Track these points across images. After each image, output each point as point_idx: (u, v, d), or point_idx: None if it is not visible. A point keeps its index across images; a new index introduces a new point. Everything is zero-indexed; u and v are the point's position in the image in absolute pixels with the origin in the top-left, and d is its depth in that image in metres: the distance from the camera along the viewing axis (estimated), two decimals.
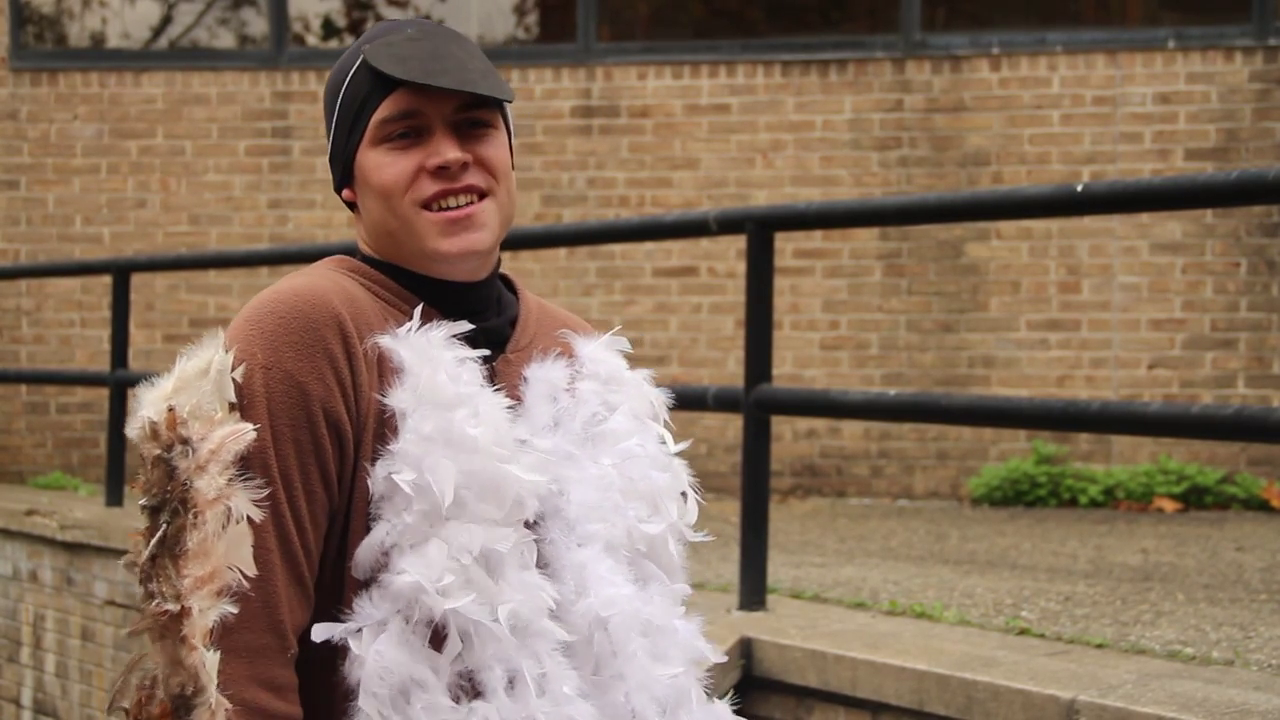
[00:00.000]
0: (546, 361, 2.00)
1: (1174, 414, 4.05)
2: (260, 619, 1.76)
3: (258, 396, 1.80)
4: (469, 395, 1.85)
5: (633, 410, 2.03)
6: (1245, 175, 3.82)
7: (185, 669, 1.72)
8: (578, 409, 1.99)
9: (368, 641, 1.78)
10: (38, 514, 7.70)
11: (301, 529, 1.80)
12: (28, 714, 7.79)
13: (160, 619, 1.74)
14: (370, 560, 1.81)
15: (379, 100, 1.92)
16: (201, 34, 10.09)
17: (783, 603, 4.96)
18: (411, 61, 1.90)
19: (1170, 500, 8.28)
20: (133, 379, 8.23)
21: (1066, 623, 4.66)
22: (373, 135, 1.93)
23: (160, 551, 1.75)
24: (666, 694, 1.92)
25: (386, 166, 1.92)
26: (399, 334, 1.87)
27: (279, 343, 1.82)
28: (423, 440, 1.82)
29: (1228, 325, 8.77)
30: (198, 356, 1.82)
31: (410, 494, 1.80)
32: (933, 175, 9.07)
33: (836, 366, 9.09)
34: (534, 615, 1.83)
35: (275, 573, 1.77)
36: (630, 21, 9.90)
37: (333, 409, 1.82)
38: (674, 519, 2.01)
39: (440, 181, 1.92)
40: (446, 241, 1.92)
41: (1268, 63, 8.82)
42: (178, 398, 1.79)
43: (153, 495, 1.77)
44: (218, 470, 1.75)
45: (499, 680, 1.80)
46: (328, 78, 2.03)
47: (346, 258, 2.00)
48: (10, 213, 9.90)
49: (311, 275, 1.92)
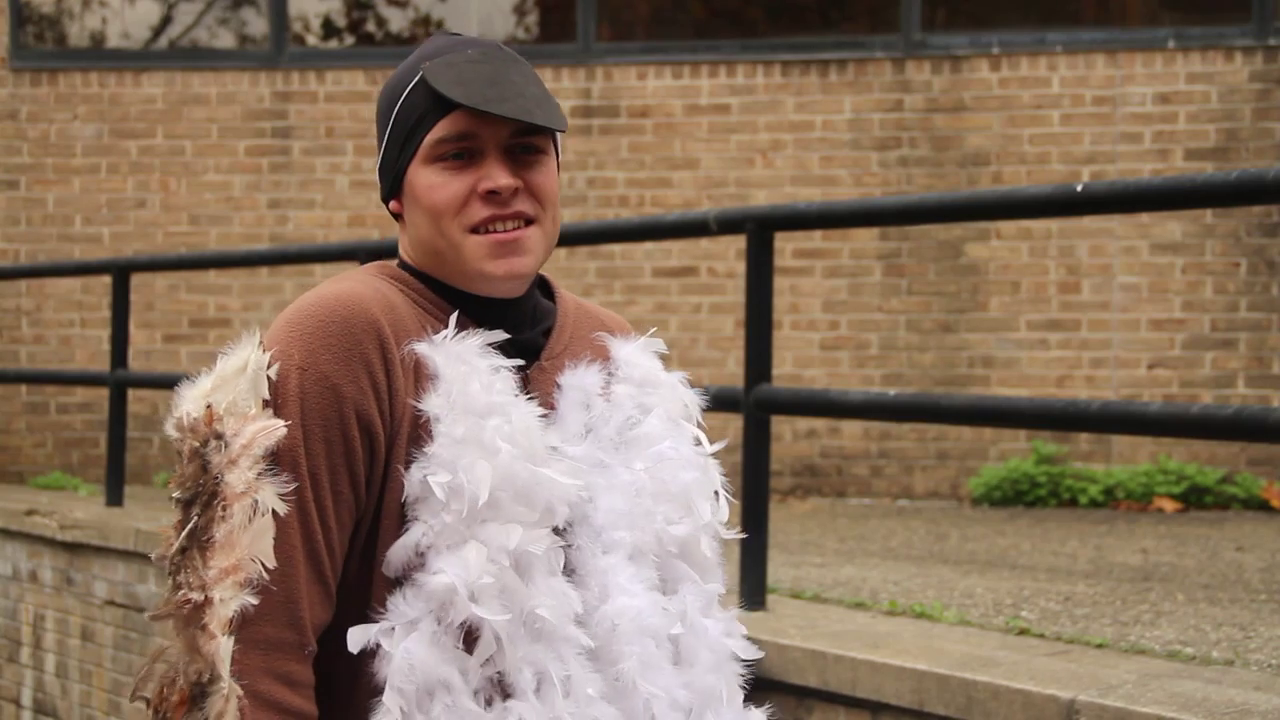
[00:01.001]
0: (580, 368, 2.03)
1: (1174, 414, 4.04)
2: (280, 612, 1.78)
3: (292, 396, 1.83)
4: (501, 404, 1.88)
5: (667, 413, 2.06)
6: (1245, 175, 3.82)
7: (203, 657, 1.75)
8: (612, 414, 2.02)
9: (399, 639, 1.80)
10: (38, 514, 7.70)
11: (326, 527, 1.82)
12: (28, 714, 7.79)
13: (184, 608, 1.77)
14: (403, 560, 1.84)
15: (435, 119, 1.93)
16: (201, 34, 10.09)
17: (783, 603, 4.96)
18: (472, 85, 1.91)
19: (1170, 500, 8.28)
20: (132, 379, 8.25)
21: (1066, 623, 4.66)
22: (426, 153, 1.94)
23: (189, 543, 1.79)
24: (688, 698, 1.94)
25: (439, 187, 1.94)
26: (435, 341, 1.90)
27: (316, 345, 1.84)
28: (455, 444, 1.84)
29: (1227, 325, 8.77)
30: (236, 355, 1.85)
31: (444, 496, 1.82)
32: (933, 175, 9.07)
33: (836, 366, 9.09)
34: (561, 620, 1.85)
35: (297, 568, 1.80)
36: (630, 21, 9.90)
37: (365, 411, 1.84)
38: (707, 519, 2.03)
39: (490, 206, 1.94)
40: (492, 264, 1.95)
41: (1268, 63, 8.82)
42: (215, 395, 1.83)
43: (186, 488, 1.81)
44: (248, 464, 1.78)
45: (528, 682, 1.82)
46: (384, 86, 2.02)
47: (388, 264, 2.02)
48: (10, 213, 9.90)
49: (353, 281, 1.94)
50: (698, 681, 1.96)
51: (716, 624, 2.02)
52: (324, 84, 9.68)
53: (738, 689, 2.02)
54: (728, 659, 2.02)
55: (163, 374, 8.53)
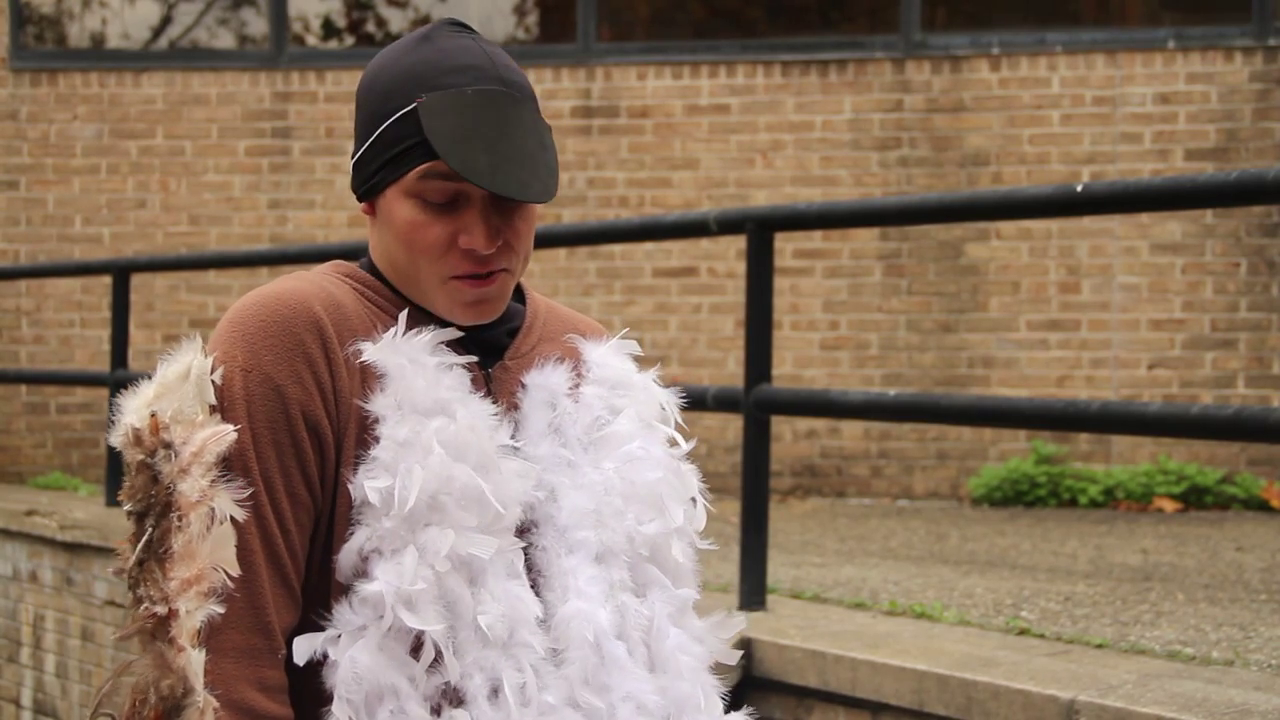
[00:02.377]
0: (547, 368, 1.98)
1: (1174, 414, 4.05)
2: (247, 619, 1.75)
3: (238, 399, 1.79)
4: (448, 401, 1.84)
5: (638, 413, 2.01)
6: (1245, 175, 3.82)
7: (174, 671, 1.72)
8: (579, 414, 1.97)
9: (344, 647, 1.77)
10: (38, 514, 7.70)
11: (285, 530, 1.79)
12: (28, 714, 7.79)
13: (149, 623, 1.74)
14: (351, 565, 1.81)
15: (424, 159, 1.85)
16: (201, 34, 10.09)
17: (783, 603, 4.97)
18: (470, 146, 1.82)
19: (1170, 500, 8.28)
20: (133, 379, 8.21)
21: (1066, 623, 4.66)
22: (409, 187, 1.87)
23: (147, 556, 1.75)
24: (658, 704, 1.89)
25: (419, 228, 1.87)
26: (382, 339, 1.86)
27: (259, 345, 1.81)
28: (397, 446, 1.80)
29: (1228, 325, 8.77)
30: (178, 361, 1.82)
31: (379, 502, 1.79)
32: (932, 175, 9.07)
33: (836, 367, 9.09)
34: (516, 625, 1.81)
35: (260, 573, 1.77)
36: (630, 22, 9.90)
37: (311, 412, 1.81)
38: (679, 522, 1.99)
39: (468, 262, 1.88)
40: (462, 310, 1.90)
41: (1268, 63, 8.82)
42: (159, 403, 1.79)
43: (138, 501, 1.77)
44: (200, 472, 1.75)
45: (480, 689, 1.79)
46: (372, 73, 1.91)
47: (344, 263, 1.97)
48: (10, 213, 9.90)
49: (298, 279, 1.90)
50: (672, 688, 1.92)
51: (689, 630, 1.98)
52: (324, 84, 9.68)
53: (716, 697, 1.98)
54: (705, 667, 1.98)
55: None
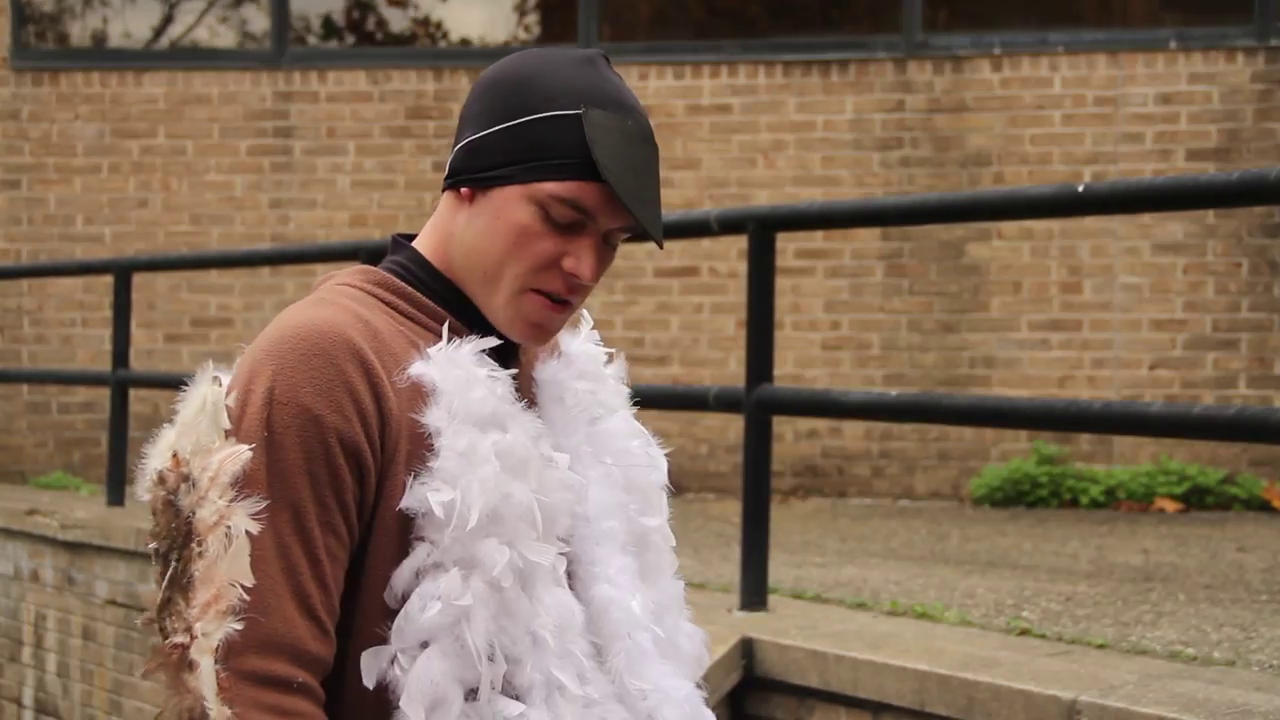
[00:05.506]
0: (551, 363, 1.99)
1: (1175, 414, 4.04)
2: (270, 644, 1.72)
3: (254, 418, 1.76)
4: (502, 414, 1.83)
5: (622, 406, 2.03)
6: (1247, 176, 3.82)
7: (190, 691, 1.70)
8: (581, 407, 1.99)
9: (411, 657, 1.76)
10: (39, 513, 7.70)
11: (315, 560, 1.76)
12: (29, 714, 7.80)
13: (173, 654, 1.72)
14: (406, 584, 1.78)
15: (571, 175, 1.82)
16: (203, 33, 10.10)
17: (784, 603, 4.96)
18: (625, 171, 1.81)
19: (1171, 501, 8.28)
20: (134, 379, 8.25)
21: (1068, 623, 4.66)
22: (539, 196, 1.83)
23: (171, 592, 1.74)
24: (685, 695, 1.92)
25: (532, 238, 1.84)
26: (429, 354, 1.83)
27: (298, 377, 1.76)
28: (458, 457, 1.79)
29: (1229, 326, 8.77)
30: (193, 396, 1.79)
31: (444, 515, 1.77)
32: (934, 175, 9.07)
33: (838, 367, 9.09)
34: (565, 629, 1.83)
35: (284, 599, 1.73)
36: (631, 21, 9.90)
37: (351, 438, 1.77)
38: (668, 514, 2.02)
39: (562, 284, 1.86)
40: (523, 326, 1.89)
41: (1269, 63, 8.82)
42: (179, 442, 1.78)
43: (162, 539, 1.75)
44: (217, 494, 1.73)
45: (539, 694, 1.80)
46: (515, 70, 1.87)
47: (370, 270, 1.93)
48: (12, 212, 9.90)
49: (331, 307, 1.85)
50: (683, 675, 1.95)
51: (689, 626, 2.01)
52: (325, 84, 9.68)
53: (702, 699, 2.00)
54: (697, 659, 2.01)
55: (164, 374, 8.54)
